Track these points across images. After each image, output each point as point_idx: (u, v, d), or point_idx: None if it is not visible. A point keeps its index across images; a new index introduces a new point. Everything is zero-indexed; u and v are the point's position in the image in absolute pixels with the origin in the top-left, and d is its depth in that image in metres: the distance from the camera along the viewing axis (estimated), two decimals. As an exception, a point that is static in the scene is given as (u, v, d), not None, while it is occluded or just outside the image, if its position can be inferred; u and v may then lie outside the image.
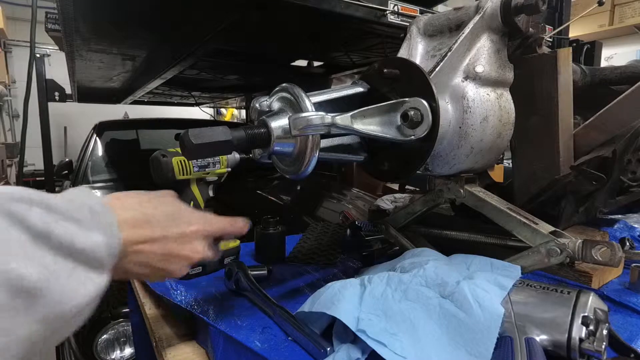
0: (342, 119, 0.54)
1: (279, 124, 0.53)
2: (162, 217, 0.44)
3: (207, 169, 0.80)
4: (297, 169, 0.54)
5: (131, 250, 0.40)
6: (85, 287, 0.32)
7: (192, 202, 0.80)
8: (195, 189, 0.81)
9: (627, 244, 0.86)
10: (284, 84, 0.56)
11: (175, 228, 0.45)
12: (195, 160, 0.78)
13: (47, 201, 0.32)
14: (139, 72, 2.37)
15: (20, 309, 0.28)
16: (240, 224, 0.53)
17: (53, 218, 0.32)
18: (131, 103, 4.00)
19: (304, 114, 0.50)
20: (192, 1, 1.16)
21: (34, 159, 4.85)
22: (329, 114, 0.52)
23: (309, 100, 0.53)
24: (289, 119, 0.51)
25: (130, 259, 0.40)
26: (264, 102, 0.58)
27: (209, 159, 0.79)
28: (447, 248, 0.74)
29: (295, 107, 0.53)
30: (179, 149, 0.78)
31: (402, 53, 0.79)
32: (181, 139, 0.47)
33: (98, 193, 0.45)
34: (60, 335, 0.32)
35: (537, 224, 0.65)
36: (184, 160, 0.78)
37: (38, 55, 2.53)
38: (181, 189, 0.79)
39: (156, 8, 1.27)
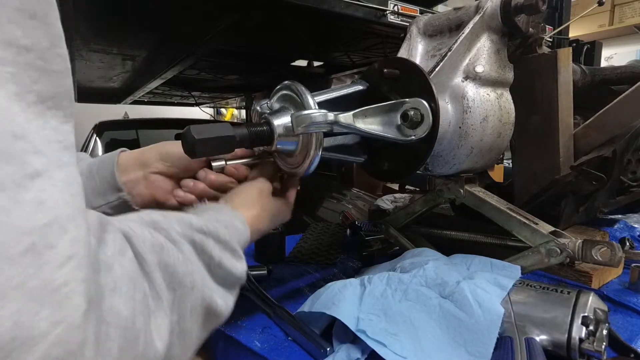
0: (345, 117, 0.53)
1: (281, 121, 0.52)
2: (268, 227, 0.53)
3: None
4: (300, 168, 0.54)
5: None
6: (232, 303, 0.39)
7: None
8: None
9: (627, 244, 0.86)
10: (285, 82, 0.56)
11: (272, 227, 0.55)
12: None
13: (216, 232, 0.37)
14: (139, 72, 2.37)
15: (206, 324, 0.35)
16: None
17: (220, 248, 0.37)
18: (131, 103, 4.00)
19: (306, 112, 0.50)
20: (192, 1, 1.16)
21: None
22: (331, 112, 0.52)
23: (312, 97, 0.53)
24: (291, 116, 0.50)
25: None
26: (264, 104, 0.58)
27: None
28: (447, 248, 0.74)
29: (298, 104, 0.53)
30: None
31: (402, 53, 0.79)
32: (183, 135, 0.46)
33: None
34: None
35: (537, 224, 0.65)
36: None
37: (38, 55, 2.52)
38: None
39: (156, 8, 1.27)
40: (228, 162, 0.56)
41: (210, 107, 5.69)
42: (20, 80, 0.20)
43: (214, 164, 0.55)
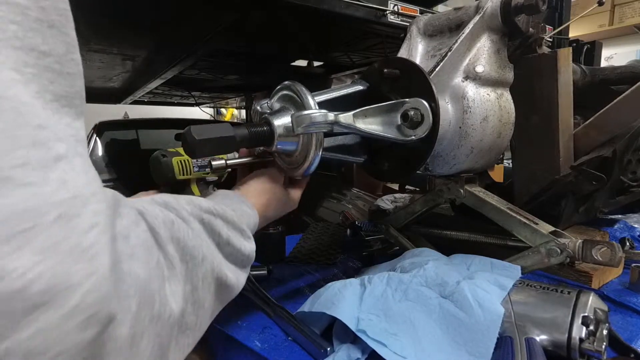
0: (345, 117, 0.53)
1: (281, 121, 0.52)
2: (275, 214, 0.55)
3: (206, 169, 0.79)
4: (301, 168, 0.54)
5: None
6: (243, 280, 0.43)
7: None
8: (195, 189, 0.81)
9: (627, 244, 0.86)
10: (285, 82, 0.56)
11: (279, 216, 0.57)
12: (195, 160, 0.78)
13: (224, 213, 0.41)
14: (139, 72, 2.36)
15: (218, 296, 0.38)
16: None
17: (228, 228, 0.41)
18: (131, 103, 3.99)
19: (306, 112, 0.50)
20: (192, 1, 1.16)
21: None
22: (331, 112, 0.52)
23: (312, 97, 0.52)
24: (291, 116, 0.50)
25: None
26: (264, 104, 0.58)
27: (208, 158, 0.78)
28: (447, 248, 0.74)
29: (298, 104, 0.53)
30: (179, 149, 0.78)
31: (402, 53, 0.79)
32: (183, 136, 0.46)
33: None
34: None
35: (537, 224, 0.65)
36: (185, 160, 0.77)
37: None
38: (181, 189, 0.79)
39: (156, 8, 1.27)
40: (228, 162, 0.56)
41: (210, 107, 5.69)
42: (40, 81, 0.23)
43: (214, 163, 0.55)
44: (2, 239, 0.19)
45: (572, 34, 1.82)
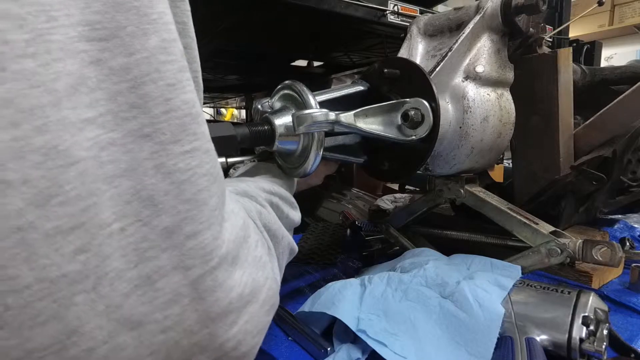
0: (346, 117, 0.53)
1: (282, 121, 0.52)
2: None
3: None
4: (301, 168, 0.54)
5: None
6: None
7: None
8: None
9: (627, 244, 0.86)
10: (286, 82, 0.56)
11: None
12: None
13: (279, 192, 0.48)
14: (138, 72, 2.36)
15: (288, 259, 0.47)
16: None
17: (285, 204, 0.48)
18: (131, 103, 3.99)
19: (307, 111, 0.50)
20: (192, 1, 1.16)
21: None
22: (332, 112, 0.52)
23: (313, 97, 0.52)
24: (292, 116, 0.50)
25: None
26: (265, 103, 0.57)
27: None
28: (447, 248, 0.74)
29: (299, 104, 0.53)
30: None
31: (403, 53, 0.79)
32: None
33: None
34: None
35: (537, 224, 0.65)
36: None
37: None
38: None
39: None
40: (228, 161, 0.57)
41: (210, 107, 5.69)
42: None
43: None
44: (229, 263, 0.26)
45: (572, 34, 1.82)
